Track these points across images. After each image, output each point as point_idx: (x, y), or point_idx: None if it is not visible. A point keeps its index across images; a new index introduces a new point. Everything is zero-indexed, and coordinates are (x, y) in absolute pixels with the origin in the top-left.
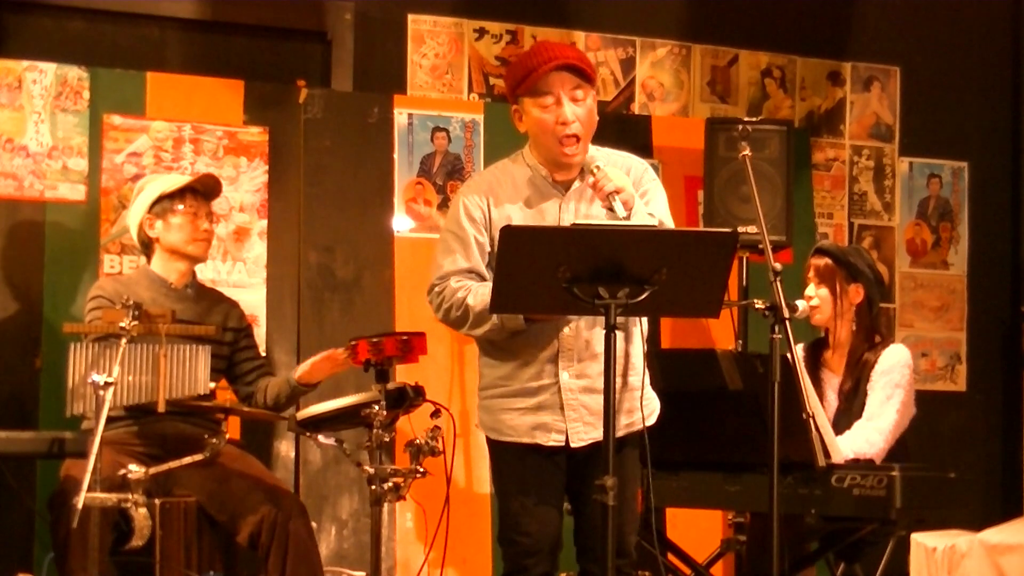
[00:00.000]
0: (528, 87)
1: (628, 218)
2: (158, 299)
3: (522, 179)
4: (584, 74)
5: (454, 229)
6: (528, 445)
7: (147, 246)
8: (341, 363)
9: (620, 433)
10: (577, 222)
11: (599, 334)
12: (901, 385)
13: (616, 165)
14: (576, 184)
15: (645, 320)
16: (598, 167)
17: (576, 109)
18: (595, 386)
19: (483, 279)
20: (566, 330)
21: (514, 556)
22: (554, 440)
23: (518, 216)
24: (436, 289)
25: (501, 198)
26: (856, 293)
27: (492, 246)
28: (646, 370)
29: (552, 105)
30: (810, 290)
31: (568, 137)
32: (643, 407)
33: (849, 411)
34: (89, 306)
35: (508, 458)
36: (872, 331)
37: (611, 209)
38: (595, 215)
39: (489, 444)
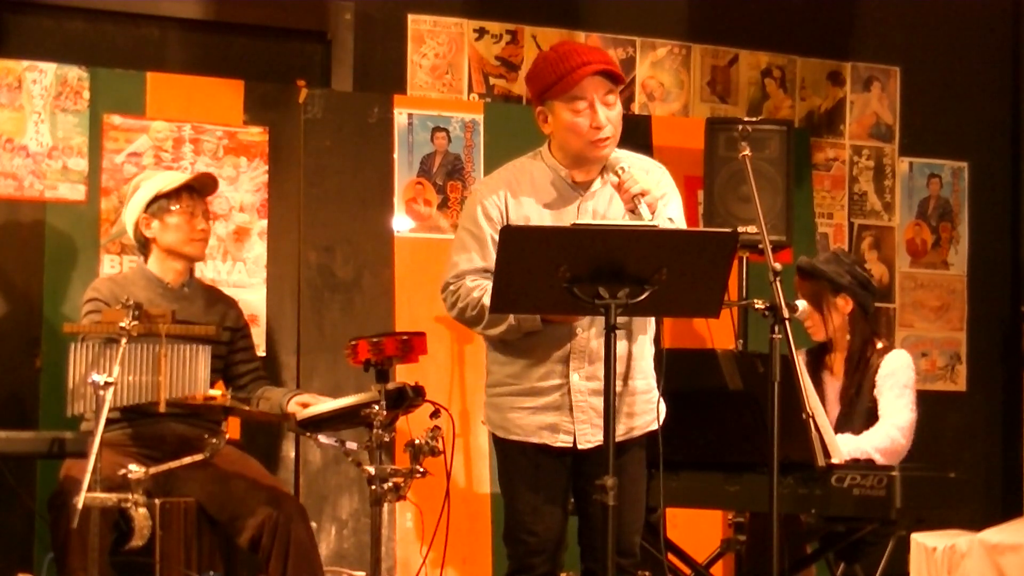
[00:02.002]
0: (561, 90)
1: (652, 219)
2: (154, 299)
3: (541, 179)
4: (616, 78)
5: (470, 227)
6: (536, 445)
7: (144, 245)
8: None
9: (620, 438)
10: (578, 222)
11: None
12: (909, 386)
13: (645, 179)
14: (595, 186)
15: (652, 322)
16: (623, 168)
17: (609, 113)
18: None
19: None
20: (579, 331)
21: (520, 555)
22: (562, 441)
23: (536, 216)
24: (451, 288)
25: (519, 197)
26: (844, 303)
27: None
28: (655, 373)
29: (586, 109)
30: (803, 313)
31: (601, 140)
32: (653, 410)
33: (850, 414)
34: (85, 308)
35: (515, 457)
36: (871, 334)
37: (633, 211)
38: (612, 217)
39: (495, 442)
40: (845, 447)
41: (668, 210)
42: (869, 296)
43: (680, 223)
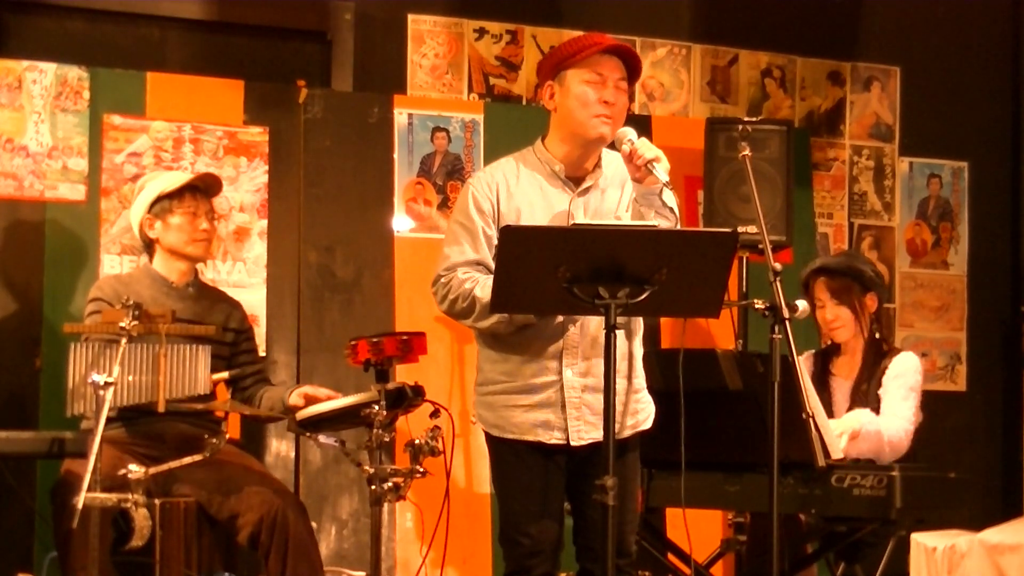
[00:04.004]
0: (579, 60)
1: (668, 184)
2: (159, 298)
3: (534, 173)
4: (632, 68)
5: (463, 220)
6: (531, 443)
7: (148, 246)
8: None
9: (625, 434)
10: (577, 222)
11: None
12: (915, 389)
13: (654, 147)
14: (587, 181)
15: (641, 322)
16: (631, 140)
17: (619, 95)
18: (599, 385)
19: (490, 271)
20: (572, 327)
21: (516, 557)
22: (556, 438)
23: (527, 210)
24: (443, 280)
25: (511, 192)
26: (872, 302)
27: None
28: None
29: (598, 83)
30: (829, 313)
31: (604, 116)
32: (646, 409)
33: None
34: (89, 308)
35: (509, 458)
36: (881, 336)
37: (640, 181)
38: (606, 212)
39: (489, 441)
40: (864, 417)
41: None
42: (885, 295)
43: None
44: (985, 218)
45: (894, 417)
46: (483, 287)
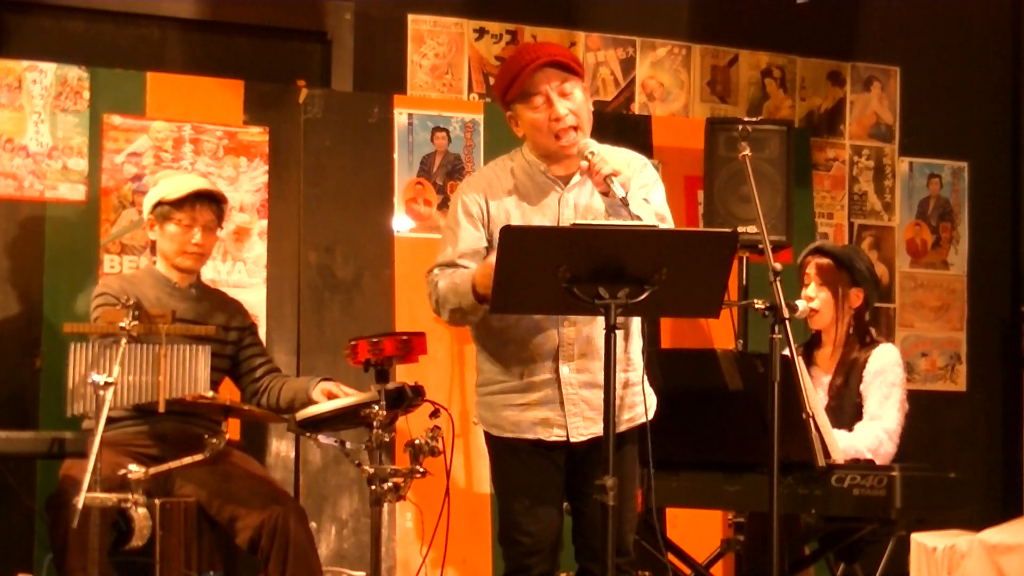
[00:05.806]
0: (516, 92)
1: (626, 199)
2: (163, 298)
3: (521, 174)
4: (568, 68)
5: (451, 225)
6: (531, 441)
7: (153, 245)
8: None
9: (621, 428)
10: (577, 222)
11: (600, 330)
12: (897, 384)
13: (616, 160)
14: (575, 178)
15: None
16: (592, 152)
17: (568, 103)
18: (596, 381)
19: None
20: (565, 324)
21: (515, 556)
22: (556, 435)
23: (516, 211)
24: (429, 282)
25: (499, 194)
26: (856, 297)
27: (492, 242)
28: (644, 366)
29: (543, 105)
30: (811, 290)
31: (564, 130)
32: (643, 402)
33: (840, 408)
34: (95, 303)
35: (508, 457)
36: (866, 333)
37: (606, 194)
38: (595, 208)
39: (489, 441)
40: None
41: (651, 197)
42: (876, 296)
43: (663, 211)
44: (985, 218)
45: (873, 424)
46: (445, 278)
